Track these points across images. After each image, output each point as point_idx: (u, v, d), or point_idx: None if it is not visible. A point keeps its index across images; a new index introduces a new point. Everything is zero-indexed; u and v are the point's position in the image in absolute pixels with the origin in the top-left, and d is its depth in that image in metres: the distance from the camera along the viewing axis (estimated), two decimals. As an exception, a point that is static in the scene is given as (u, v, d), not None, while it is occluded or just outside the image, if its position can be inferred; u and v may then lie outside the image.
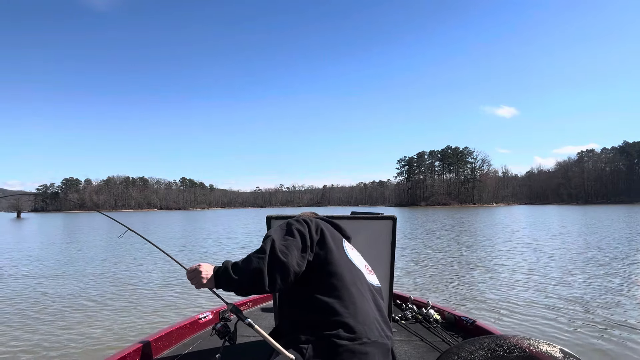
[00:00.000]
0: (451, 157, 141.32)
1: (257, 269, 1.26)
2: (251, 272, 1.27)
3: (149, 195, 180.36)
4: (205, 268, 1.37)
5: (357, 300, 1.32)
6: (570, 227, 21.70)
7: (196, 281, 1.37)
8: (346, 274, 1.37)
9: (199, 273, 1.36)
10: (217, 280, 1.34)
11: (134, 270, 9.77)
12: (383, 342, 1.31)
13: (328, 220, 1.64)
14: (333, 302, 1.29)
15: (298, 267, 1.31)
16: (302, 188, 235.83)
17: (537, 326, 4.95)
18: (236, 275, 1.29)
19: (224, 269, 1.33)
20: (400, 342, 2.48)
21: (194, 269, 1.38)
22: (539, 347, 1.16)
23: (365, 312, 1.31)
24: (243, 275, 1.28)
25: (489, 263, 9.91)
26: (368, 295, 1.39)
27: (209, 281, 1.35)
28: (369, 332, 1.27)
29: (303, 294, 1.36)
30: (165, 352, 2.36)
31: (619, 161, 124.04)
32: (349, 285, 1.34)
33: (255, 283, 1.27)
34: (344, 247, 1.49)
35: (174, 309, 6.09)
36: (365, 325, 1.28)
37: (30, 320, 5.59)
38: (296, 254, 1.31)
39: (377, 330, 1.31)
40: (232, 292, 1.33)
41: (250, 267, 1.28)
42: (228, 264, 1.35)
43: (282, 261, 1.27)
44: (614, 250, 11.78)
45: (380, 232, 2.35)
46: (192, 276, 1.38)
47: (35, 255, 13.39)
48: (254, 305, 3.37)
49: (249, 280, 1.27)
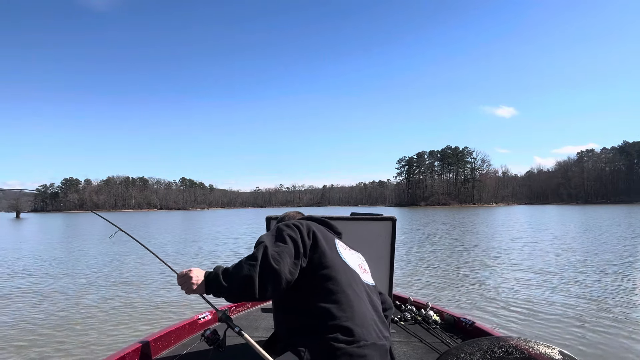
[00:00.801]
0: (451, 157, 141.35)
1: (247, 276, 1.23)
2: (242, 279, 1.23)
3: (149, 195, 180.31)
4: (196, 273, 1.34)
5: (354, 303, 1.30)
6: (570, 227, 21.71)
7: (186, 286, 1.34)
8: (341, 276, 1.34)
9: (190, 278, 1.33)
10: (207, 286, 1.32)
11: (133, 270, 9.76)
12: (381, 344, 1.30)
13: (318, 220, 1.60)
14: (330, 306, 1.27)
15: (290, 275, 1.27)
16: (302, 188, 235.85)
17: (536, 328, 4.95)
18: (226, 282, 1.26)
19: (214, 275, 1.30)
20: (399, 343, 2.48)
21: (184, 274, 1.36)
22: (538, 349, 1.15)
23: (362, 314, 1.30)
24: (233, 282, 1.25)
25: (489, 264, 9.91)
26: (364, 296, 1.37)
27: (199, 287, 1.32)
28: (366, 334, 1.26)
29: (298, 300, 1.33)
30: (164, 352, 2.35)
31: (619, 161, 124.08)
32: (344, 287, 1.32)
33: (245, 290, 1.24)
34: (337, 248, 1.46)
35: (173, 309, 6.08)
36: (363, 328, 1.26)
37: (29, 321, 5.59)
38: (289, 261, 1.28)
39: (375, 332, 1.30)
40: (222, 298, 1.30)
41: (241, 274, 1.24)
42: (219, 269, 1.32)
43: (274, 268, 1.23)
44: (614, 250, 11.79)
45: (380, 233, 2.35)
46: (182, 281, 1.35)
47: (34, 255, 13.39)
48: (253, 305, 3.36)
49: (239, 287, 1.24)
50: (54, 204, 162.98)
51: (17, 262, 11.68)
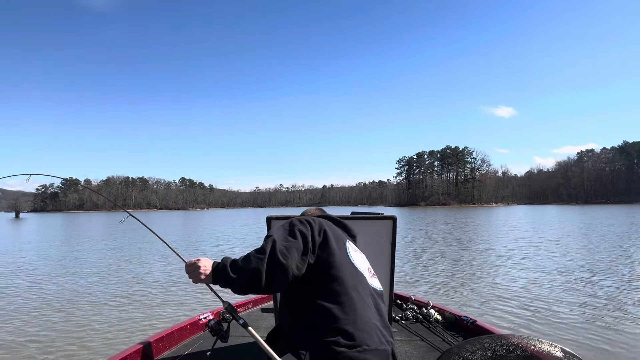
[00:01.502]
0: (451, 157, 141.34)
1: (255, 269, 1.24)
2: (249, 271, 1.25)
3: (149, 195, 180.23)
4: (204, 263, 1.36)
5: (358, 306, 1.30)
6: (570, 227, 21.72)
7: (194, 275, 1.36)
8: (347, 278, 1.34)
9: (198, 268, 1.35)
10: (215, 277, 1.33)
11: (135, 271, 9.77)
12: (383, 349, 1.29)
13: (333, 219, 1.60)
14: (333, 307, 1.27)
15: (297, 270, 1.29)
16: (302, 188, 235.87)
17: (537, 325, 4.96)
18: (234, 274, 1.28)
19: (222, 266, 1.32)
20: (400, 342, 2.48)
21: (192, 263, 1.37)
22: (540, 347, 1.15)
23: (365, 318, 1.29)
24: (241, 274, 1.27)
25: (490, 263, 9.92)
26: (369, 300, 1.36)
27: (207, 277, 1.34)
28: (368, 339, 1.26)
29: (304, 296, 1.34)
30: (166, 353, 2.36)
31: (619, 161, 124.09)
32: (349, 289, 1.32)
33: (252, 283, 1.25)
34: (347, 249, 1.45)
35: (174, 309, 6.08)
36: (364, 333, 1.26)
37: (29, 321, 5.59)
38: (296, 256, 1.29)
39: (377, 336, 1.29)
40: (229, 289, 1.32)
41: (249, 266, 1.26)
42: (227, 261, 1.33)
43: (282, 263, 1.25)
44: (615, 250, 11.79)
45: (381, 233, 2.34)
46: (190, 270, 1.37)
47: (34, 255, 13.39)
48: (254, 305, 3.37)
49: (246, 280, 1.26)
50: (53, 204, 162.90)
51: (12, 263, 11.67)
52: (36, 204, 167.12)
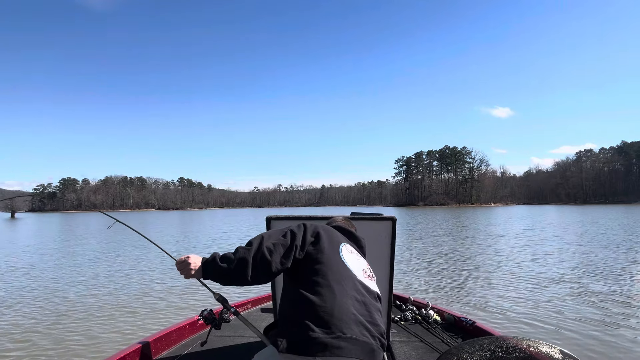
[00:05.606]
0: (449, 157, 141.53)
1: (242, 258, 1.35)
2: (237, 261, 1.36)
3: (147, 195, 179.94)
4: (193, 259, 1.45)
5: (337, 297, 1.33)
6: (570, 228, 21.76)
7: (185, 272, 1.45)
8: (332, 272, 1.40)
9: (188, 264, 1.44)
10: (204, 270, 1.42)
11: (132, 271, 9.74)
12: (364, 341, 1.29)
13: (342, 229, 1.68)
14: (313, 297, 1.33)
15: (281, 264, 1.38)
16: (301, 188, 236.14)
17: (536, 327, 4.96)
18: (222, 263, 1.38)
19: (212, 259, 1.42)
20: (399, 343, 2.48)
21: (182, 260, 1.46)
22: (539, 348, 1.16)
23: (344, 308, 1.32)
24: (229, 264, 1.37)
25: (489, 264, 9.92)
26: (353, 293, 1.39)
27: (197, 271, 1.44)
28: (344, 327, 1.27)
29: (292, 289, 1.42)
30: (164, 353, 2.35)
31: (617, 161, 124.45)
32: (331, 282, 1.36)
33: (239, 272, 1.35)
34: (340, 250, 1.51)
35: (173, 309, 6.07)
36: (341, 321, 1.28)
37: (28, 321, 5.56)
38: (281, 251, 1.39)
39: (358, 328, 1.30)
40: (218, 282, 1.41)
41: (236, 256, 1.37)
42: (216, 254, 1.43)
43: (266, 256, 1.35)
44: (615, 251, 11.81)
45: (380, 233, 2.33)
46: (181, 267, 1.46)
47: (29, 254, 13.35)
48: (253, 305, 3.37)
49: (234, 268, 1.36)
50: (51, 204, 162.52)
51: (10, 260, 11.63)
52: (34, 203, 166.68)
